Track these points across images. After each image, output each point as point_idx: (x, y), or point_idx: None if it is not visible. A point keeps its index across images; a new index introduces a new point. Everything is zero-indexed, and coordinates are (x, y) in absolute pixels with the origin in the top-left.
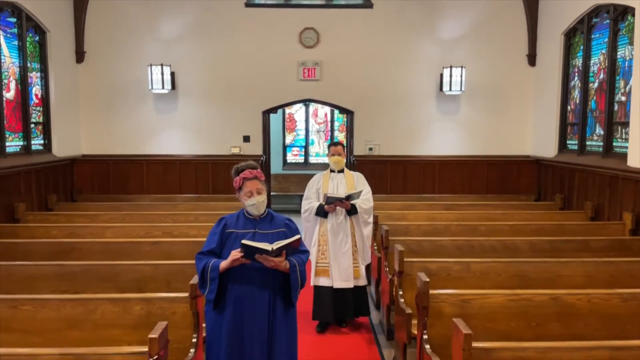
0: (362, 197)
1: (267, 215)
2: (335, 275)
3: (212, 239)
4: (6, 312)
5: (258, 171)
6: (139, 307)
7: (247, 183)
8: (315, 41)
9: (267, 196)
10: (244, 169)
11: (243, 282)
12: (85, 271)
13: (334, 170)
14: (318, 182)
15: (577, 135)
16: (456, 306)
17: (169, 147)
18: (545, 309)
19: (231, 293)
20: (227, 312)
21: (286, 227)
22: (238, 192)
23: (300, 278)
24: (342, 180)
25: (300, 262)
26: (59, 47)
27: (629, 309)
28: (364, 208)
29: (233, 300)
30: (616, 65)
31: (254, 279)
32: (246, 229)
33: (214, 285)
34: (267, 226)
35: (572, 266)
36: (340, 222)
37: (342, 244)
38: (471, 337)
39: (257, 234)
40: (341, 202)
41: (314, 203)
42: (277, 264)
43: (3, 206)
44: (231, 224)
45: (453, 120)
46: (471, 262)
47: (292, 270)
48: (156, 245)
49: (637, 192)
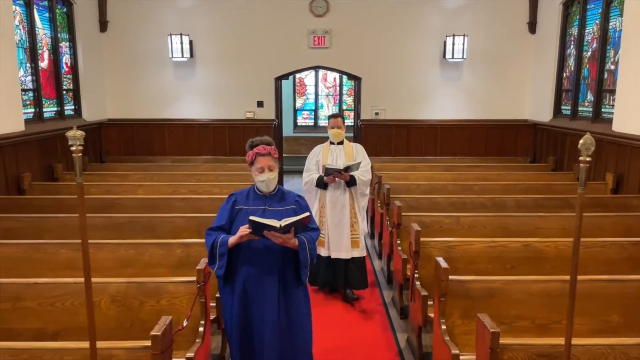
0: (361, 169)
1: (278, 192)
2: (332, 246)
3: (221, 215)
4: (71, 254)
5: (272, 148)
6: (179, 250)
7: (259, 159)
8: (325, 10)
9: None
10: (258, 144)
11: (252, 259)
12: (128, 222)
13: (334, 142)
14: (318, 154)
15: (570, 101)
16: (443, 251)
17: (188, 112)
18: (517, 253)
19: (240, 270)
20: (236, 290)
21: (296, 205)
22: (250, 166)
23: (310, 255)
24: (341, 152)
25: (309, 239)
26: (84, 17)
27: (590, 254)
28: (362, 180)
29: (242, 277)
30: (607, 35)
31: (263, 256)
32: (256, 206)
33: (223, 260)
34: (277, 203)
35: (550, 220)
36: (340, 194)
37: (340, 215)
38: (448, 271)
39: (267, 211)
40: (340, 174)
41: (314, 175)
42: (285, 240)
43: (44, 167)
44: (241, 201)
45: (455, 86)
46: (460, 216)
47: (301, 247)
48: (185, 201)
49: (619, 155)
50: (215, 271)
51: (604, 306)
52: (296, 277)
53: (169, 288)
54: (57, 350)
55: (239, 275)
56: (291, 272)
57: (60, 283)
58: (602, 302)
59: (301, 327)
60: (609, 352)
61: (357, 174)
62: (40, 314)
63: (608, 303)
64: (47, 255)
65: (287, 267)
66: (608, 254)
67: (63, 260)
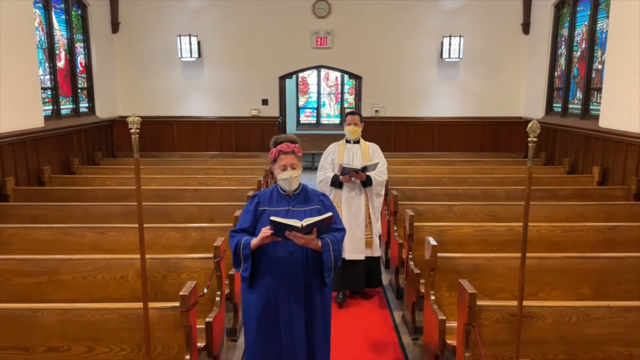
0: (378, 169)
1: (301, 192)
2: (347, 247)
3: (245, 218)
4: (95, 237)
5: (296, 146)
6: (195, 234)
7: (282, 156)
8: (327, 12)
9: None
10: (283, 141)
11: (277, 262)
12: (145, 210)
13: (350, 141)
14: (333, 153)
15: (561, 99)
16: (434, 235)
17: (196, 109)
18: (503, 237)
19: (265, 273)
20: (261, 291)
21: (320, 204)
22: (273, 163)
23: (334, 257)
24: (357, 151)
25: (334, 240)
26: (97, 19)
27: (567, 238)
28: (378, 180)
29: (267, 281)
30: (595, 36)
31: (287, 259)
32: (279, 206)
33: (247, 263)
34: (301, 203)
35: (535, 208)
36: (355, 194)
37: (355, 215)
38: (437, 248)
39: (291, 211)
40: (357, 173)
41: (328, 173)
42: (307, 241)
43: (61, 161)
44: (264, 201)
45: (452, 84)
46: (453, 205)
47: (325, 249)
48: (196, 192)
49: (605, 149)
50: (240, 273)
51: (577, 280)
52: (321, 280)
53: (188, 264)
54: (97, 310)
55: (263, 279)
56: (316, 274)
57: (91, 259)
58: (575, 276)
59: (323, 330)
60: (573, 313)
61: (374, 174)
62: (74, 286)
63: (580, 277)
64: (75, 237)
65: (312, 269)
66: (585, 237)
67: (89, 242)
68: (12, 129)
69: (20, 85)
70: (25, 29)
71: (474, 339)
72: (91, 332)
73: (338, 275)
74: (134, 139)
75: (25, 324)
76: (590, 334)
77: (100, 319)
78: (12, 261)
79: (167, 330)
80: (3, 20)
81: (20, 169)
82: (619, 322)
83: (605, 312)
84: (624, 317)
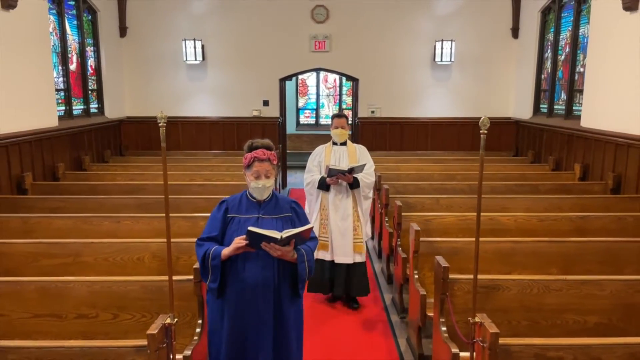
0: (365, 171)
1: (272, 199)
2: (335, 250)
3: (212, 225)
4: (112, 225)
5: (272, 153)
6: (202, 222)
7: (257, 163)
8: (325, 17)
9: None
10: (259, 146)
11: (247, 272)
12: (155, 202)
13: (337, 143)
14: (320, 155)
15: (547, 100)
16: (421, 224)
17: (200, 110)
18: (483, 225)
19: (233, 284)
20: (229, 304)
21: (292, 212)
22: (245, 169)
23: (309, 268)
24: (344, 153)
25: (308, 251)
26: (106, 24)
27: (542, 226)
28: (366, 182)
29: (235, 291)
30: (578, 41)
31: (258, 269)
32: (249, 214)
33: (216, 273)
34: (271, 210)
35: (516, 201)
36: (342, 196)
37: (343, 218)
38: (420, 233)
39: (262, 219)
40: (343, 175)
41: (315, 176)
42: (284, 253)
43: (74, 158)
44: (233, 208)
45: (445, 86)
46: (440, 198)
47: (300, 260)
48: (202, 186)
49: (586, 148)
50: (208, 284)
51: (546, 262)
52: (292, 291)
53: None
54: (122, 282)
55: (231, 289)
56: (287, 285)
57: (110, 242)
58: (544, 258)
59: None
60: (534, 285)
61: (361, 176)
62: (96, 266)
63: (549, 259)
64: (93, 226)
65: (282, 280)
66: (559, 226)
67: (106, 230)
68: (30, 127)
69: (36, 87)
70: (41, 35)
71: (447, 308)
72: (116, 301)
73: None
74: (162, 131)
75: (59, 294)
76: (549, 304)
77: (125, 290)
78: (41, 244)
79: (182, 299)
80: (22, 27)
81: (37, 166)
82: (575, 293)
83: (562, 285)
84: (579, 289)
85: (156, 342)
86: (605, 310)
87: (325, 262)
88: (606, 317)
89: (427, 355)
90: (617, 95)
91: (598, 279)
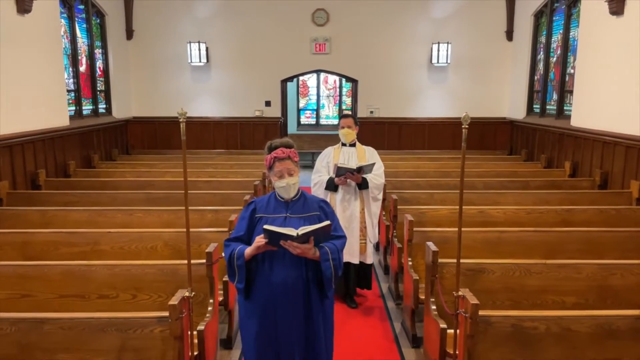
0: (374, 172)
1: (300, 198)
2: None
3: (240, 225)
4: (125, 217)
5: (292, 150)
6: (210, 215)
7: (277, 163)
8: (325, 20)
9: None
10: (278, 146)
11: (273, 273)
12: (164, 197)
13: (346, 144)
14: (329, 156)
15: (540, 101)
16: (415, 216)
17: (204, 110)
18: (473, 217)
19: (261, 285)
20: (257, 307)
21: (320, 210)
22: (268, 170)
23: (334, 267)
24: (353, 154)
25: (333, 249)
26: (114, 27)
27: (529, 219)
28: (375, 183)
29: (263, 293)
30: (568, 43)
31: (285, 269)
32: (277, 213)
33: (241, 274)
34: (299, 209)
35: (507, 196)
36: (350, 197)
37: (350, 219)
38: (413, 222)
39: (289, 219)
40: (352, 174)
41: (323, 176)
42: (304, 251)
43: (83, 156)
44: (261, 208)
45: (441, 87)
46: (434, 193)
47: (323, 258)
48: (207, 183)
49: (576, 146)
50: (235, 285)
51: (530, 250)
52: (321, 292)
53: (207, 236)
54: (140, 266)
55: (259, 291)
56: (315, 285)
57: (126, 232)
58: (528, 247)
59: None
60: (516, 268)
61: (370, 177)
62: (112, 254)
63: (533, 248)
64: (107, 218)
65: (310, 279)
66: (545, 219)
67: (119, 222)
68: (43, 127)
69: (49, 88)
70: (54, 38)
71: (437, 289)
72: (135, 283)
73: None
74: (182, 126)
75: (82, 277)
76: (530, 285)
77: (142, 272)
78: (61, 234)
79: (195, 282)
80: (36, 30)
81: (50, 163)
82: (554, 276)
83: (542, 268)
84: (557, 272)
85: (176, 312)
86: (582, 291)
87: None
88: (582, 298)
89: (420, 337)
90: (605, 95)
91: (575, 263)
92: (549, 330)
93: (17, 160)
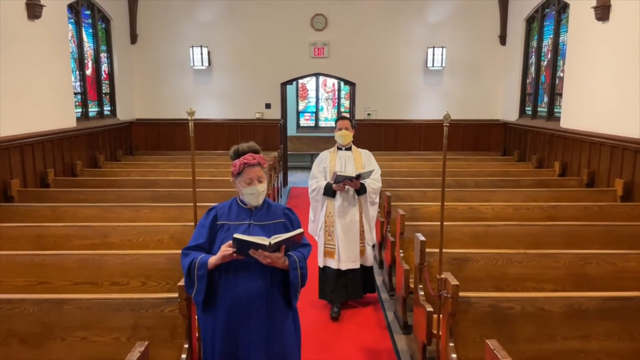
0: (372, 177)
1: (264, 205)
2: (342, 257)
3: (200, 232)
4: (133, 213)
5: (260, 156)
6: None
7: (247, 169)
8: (324, 25)
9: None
10: (245, 151)
11: (236, 282)
12: (169, 195)
13: (341, 148)
14: (325, 161)
15: (531, 103)
16: (408, 212)
17: (206, 112)
18: (463, 213)
19: (222, 295)
20: (218, 318)
21: (285, 218)
22: (235, 177)
23: (301, 275)
24: (350, 159)
25: (301, 257)
26: (118, 31)
27: (516, 214)
28: (373, 188)
29: (225, 304)
30: (558, 48)
31: (248, 279)
32: (240, 221)
33: (201, 284)
34: (264, 217)
35: (497, 194)
36: (349, 203)
37: (350, 224)
38: (404, 217)
39: (253, 226)
40: (351, 181)
41: (321, 182)
42: (274, 260)
43: (90, 157)
44: (222, 215)
45: (436, 90)
46: (427, 191)
47: (292, 267)
48: (210, 181)
49: (565, 147)
50: (193, 297)
51: (514, 242)
52: (286, 302)
53: None
54: (150, 255)
55: (221, 302)
56: (280, 295)
57: (134, 226)
58: (513, 240)
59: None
60: (499, 257)
61: (368, 182)
62: (122, 246)
63: (517, 240)
64: (115, 214)
65: (275, 290)
66: (531, 215)
67: (127, 217)
68: (52, 128)
69: (58, 90)
70: (61, 42)
71: (425, 276)
72: (144, 271)
73: (330, 287)
74: (190, 124)
75: (95, 265)
76: (512, 273)
77: (152, 261)
78: (73, 227)
79: None
80: (45, 35)
81: (58, 163)
82: (534, 264)
83: (523, 257)
84: (537, 261)
85: (184, 293)
86: (560, 279)
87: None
88: (561, 285)
89: (410, 325)
90: (591, 97)
91: (554, 253)
92: (524, 310)
93: (27, 159)
